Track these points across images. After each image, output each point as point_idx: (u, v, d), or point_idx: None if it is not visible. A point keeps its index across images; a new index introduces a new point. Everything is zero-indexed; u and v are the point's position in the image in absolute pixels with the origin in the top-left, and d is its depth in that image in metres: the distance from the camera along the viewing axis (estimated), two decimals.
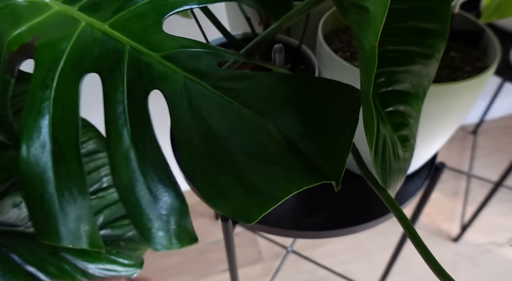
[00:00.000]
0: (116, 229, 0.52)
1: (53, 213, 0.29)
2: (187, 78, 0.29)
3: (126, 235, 0.53)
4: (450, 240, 1.07)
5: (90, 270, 0.46)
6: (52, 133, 0.29)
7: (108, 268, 0.48)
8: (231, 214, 0.24)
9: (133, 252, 0.53)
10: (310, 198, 0.54)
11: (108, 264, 0.48)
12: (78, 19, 0.33)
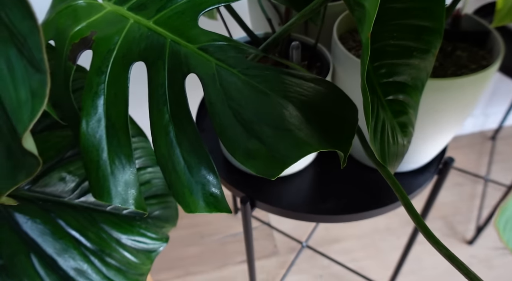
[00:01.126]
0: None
1: (106, 177, 0.34)
2: (219, 65, 0.35)
3: (153, 213, 0.59)
4: (465, 243, 1.09)
5: (122, 240, 0.52)
6: (106, 111, 0.35)
7: (138, 240, 0.53)
8: (258, 171, 0.29)
9: (159, 229, 0.59)
10: (323, 185, 0.58)
11: (138, 236, 0.54)
12: (127, 17, 0.39)
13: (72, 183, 0.50)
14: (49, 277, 0.42)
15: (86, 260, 0.45)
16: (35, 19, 0.19)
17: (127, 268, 0.50)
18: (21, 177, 0.24)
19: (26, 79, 0.20)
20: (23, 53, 0.20)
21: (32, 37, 0.19)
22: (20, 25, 0.19)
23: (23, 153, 0.23)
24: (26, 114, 0.21)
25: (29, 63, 0.20)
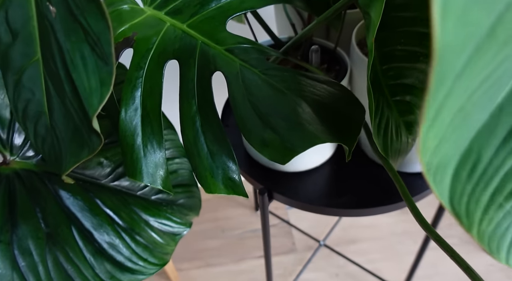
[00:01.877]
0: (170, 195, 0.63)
1: (139, 159, 0.39)
2: (242, 65, 0.39)
3: (178, 201, 0.64)
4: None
5: (150, 222, 0.57)
6: (142, 102, 0.40)
7: (164, 223, 0.58)
8: (271, 157, 0.34)
9: (184, 216, 0.64)
10: (339, 181, 0.61)
11: (164, 220, 0.59)
12: (164, 21, 0.44)
13: (108, 168, 0.56)
14: (86, 247, 0.47)
15: (118, 236, 0.51)
16: (108, 20, 0.24)
17: (154, 246, 0.55)
18: (84, 154, 0.29)
19: (97, 71, 0.25)
20: (94, 50, 0.25)
21: (104, 35, 0.24)
22: (96, 26, 0.24)
23: (90, 132, 0.28)
24: (96, 99, 0.26)
25: (99, 58, 0.25)
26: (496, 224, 0.19)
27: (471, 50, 0.12)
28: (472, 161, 0.17)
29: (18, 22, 0.31)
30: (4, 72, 0.34)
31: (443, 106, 0.13)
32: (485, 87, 0.15)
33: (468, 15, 0.10)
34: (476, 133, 0.17)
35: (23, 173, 0.46)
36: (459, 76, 0.13)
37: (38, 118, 0.35)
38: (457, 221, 0.19)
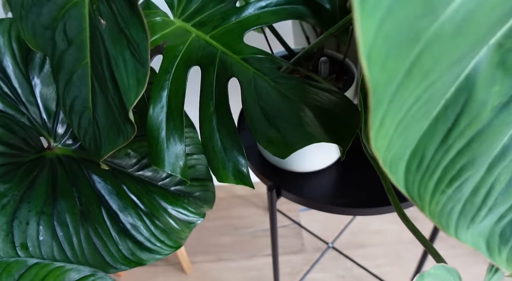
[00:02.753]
0: (188, 187, 0.69)
1: (162, 150, 0.46)
2: (255, 73, 0.45)
3: (194, 193, 0.70)
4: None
5: (168, 209, 0.63)
6: (168, 101, 0.47)
7: (180, 211, 0.65)
8: (274, 152, 0.39)
9: (198, 207, 0.70)
10: (343, 183, 0.66)
11: (181, 208, 0.65)
12: (190, 32, 0.50)
13: (134, 159, 0.63)
14: (112, 226, 0.54)
15: (140, 218, 0.57)
16: (147, 31, 0.30)
17: (170, 231, 0.61)
18: (120, 141, 0.36)
19: (135, 72, 0.32)
20: (134, 55, 0.31)
21: (143, 43, 0.31)
22: (137, 36, 0.31)
23: (126, 122, 0.34)
24: (133, 95, 0.32)
25: (138, 62, 0.31)
26: (442, 205, 0.24)
27: (396, 85, 0.17)
28: (418, 158, 0.23)
29: (73, 32, 0.38)
30: (57, 72, 0.41)
31: (384, 119, 0.19)
32: (418, 105, 0.20)
33: (386, 65, 0.16)
34: (420, 137, 0.22)
35: (64, 158, 0.53)
36: (391, 100, 0.18)
37: (82, 112, 0.42)
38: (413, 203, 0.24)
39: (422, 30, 0.16)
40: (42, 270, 0.41)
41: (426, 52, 0.17)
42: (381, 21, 0.15)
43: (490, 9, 0.17)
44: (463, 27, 0.16)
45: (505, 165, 0.22)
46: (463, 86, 0.20)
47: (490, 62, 0.20)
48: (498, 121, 0.21)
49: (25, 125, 0.49)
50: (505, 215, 0.24)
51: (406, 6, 0.15)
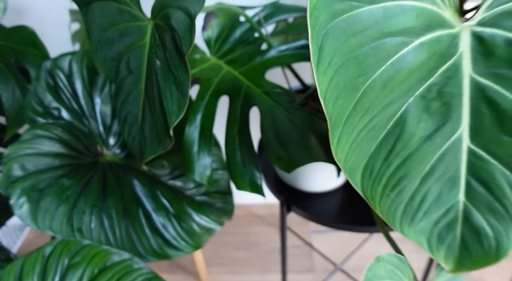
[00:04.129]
0: (211, 199, 0.80)
1: (194, 162, 0.57)
2: (273, 104, 0.56)
3: (216, 204, 0.80)
4: None
5: (193, 215, 0.74)
6: (201, 122, 0.58)
7: (203, 218, 0.75)
8: (281, 167, 0.49)
9: (218, 217, 0.80)
10: (349, 204, 0.75)
11: (204, 215, 0.75)
12: (223, 67, 0.62)
13: (167, 169, 0.74)
14: (147, 224, 0.65)
15: (169, 220, 0.68)
16: (189, 74, 0.41)
17: (193, 233, 0.71)
18: (159, 150, 0.47)
19: (177, 100, 0.43)
20: (178, 89, 0.43)
21: (186, 82, 0.42)
22: (182, 76, 0.42)
23: (166, 136, 0.45)
24: (174, 117, 0.43)
25: (180, 93, 0.43)
26: (388, 206, 0.33)
27: (346, 115, 0.27)
28: (369, 169, 0.32)
29: (134, 65, 0.50)
30: (117, 92, 0.54)
31: (340, 138, 0.29)
32: (366, 131, 0.30)
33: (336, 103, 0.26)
34: (370, 154, 0.32)
35: (112, 164, 0.65)
36: (344, 126, 0.28)
37: (133, 124, 0.53)
38: (368, 203, 0.34)
39: (359, 84, 0.26)
40: (92, 250, 0.52)
41: (364, 97, 0.27)
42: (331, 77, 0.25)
43: (408, 75, 0.27)
44: (388, 84, 0.27)
45: (434, 180, 0.31)
46: (398, 122, 0.30)
47: (417, 107, 0.29)
48: (424, 147, 0.30)
49: (87, 134, 0.62)
50: (439, 220, 0.33)
51: (347, 70, 0.25)
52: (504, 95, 0.29)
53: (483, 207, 0.31)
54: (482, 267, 0.33)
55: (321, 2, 0.25)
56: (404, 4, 0.27)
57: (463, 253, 0.33)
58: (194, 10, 0.38)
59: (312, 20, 0.25)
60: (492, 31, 0.28)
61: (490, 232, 0.32)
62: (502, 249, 0.31)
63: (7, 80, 0.59)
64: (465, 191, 0.32)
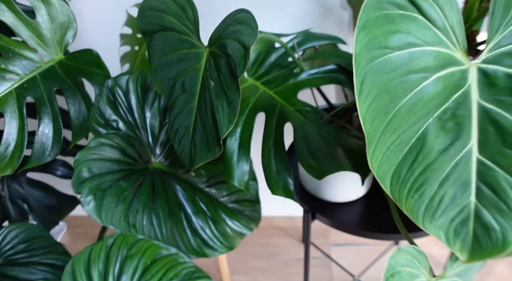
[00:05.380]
0: (241, 206, 0.87)
1: (234, 169, 0.64)
2: (304, 120, 0.63)
3: (245, 212, 0.87)
4: None
5: (226, 220, 0.81)
6: (240, 135, 0.66)
7: (235, 223, 0.82)
8: (313, 175, 0.56)
9: (247, 223, 0.87)
10: (369, 214, 0.81)
11: (235, 221, 0.82)
12: (259, 87, 0.71)
13: (205, 178, 0.82)
14: (187, 225, 0.72)
15: (206, 222, 0.75)
16: (240, 93, 0.49)
17: (227, 236, 0.78)
18: (209, 157, 0.55)
19: (228, 115, 0.51)
20: (229, 105, 0.51)
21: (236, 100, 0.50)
22: (233, 95, 0.50)
23: (216, 145, 0.53)
24: (225, 129, 0.52)
25: (231, 109, 0.51)
26: (412, 205, 0.39)
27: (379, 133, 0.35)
28: (397, 175, 0.39)
29: (189, 84, 0.59)
30: (171, 108, 0.62)
31: (375, 151, 0.36)
32: (395, 145, 0.37)
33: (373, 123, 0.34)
34: (397, 163, 0.39)
35: (159, 170, 0.73)
36: (378, 141, 0.36)
37: (184, 135, 0.62)
38: (396, 203, 0.41)
39: (390, 109, 0.34)
40: (145, 244, 0.60)
41: (393, 119, 0.34)
42: (369, 104, 0.33)
43: (428, 101, 0.34)
44: (412, 109, 0.34)
45: (449, 185, 0.38)
46: (420, 137, 0.37)
47: (435, 126, 0.37)
48: (441, 158, 0.37)
49: (139, 144, 0.71)
50: (455, 218, 0.40)
51: (381, 99, 0.33)
52: (505, 116, 0.36)
53: (490, 207, 0.38)
54: (491, 257, 0.39)
55: (363, 49, 0.33)
56: (425, 49, 0.35)
57: (475, 245, 0.39)
58: (248, 42, 0.47)
59: (356, 63, 0.33)
60: (494, 67, 0.36)
61: (497, 227, 0.38)
62: (508, 241, 0.38)
63: (75, 96, 0.69)
64: (475, 193, 0.38)
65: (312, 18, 1.02)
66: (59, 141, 0.67)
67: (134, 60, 0.88)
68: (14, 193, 0.79)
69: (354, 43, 0.33)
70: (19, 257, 0.68)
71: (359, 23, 0.34)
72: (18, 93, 0.66)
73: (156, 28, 0.57)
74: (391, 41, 0.35)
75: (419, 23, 0.36)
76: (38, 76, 0.68)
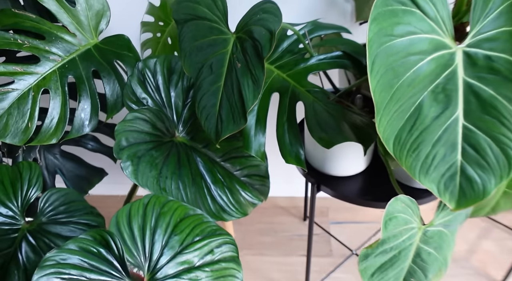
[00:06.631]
0: (251, 180, 0.95)
1: (251, 141, 0.73)
2: (314, 99, 0.72)
3: (255, 185, 0.95)
4: None
5: (240, 190, 0.90)
6: (257, 112, 0.74)
7: (247, 194, 0.91)
8: (323, 145, 0.66)
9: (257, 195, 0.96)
10: (370, 186, 0.90)
11: (248, 192, 0.91)
12: (273, 71, 0.79)
13: (220, 153, 0.91)
14: (207, 193, 0.81)
15: (223, 191, 0.84)
16: (264, 71, 0.58)
17: (241, 203, 0.87)
18: (235, 128, 0.64)
19: (253, 90, 0.60)
20: (254, 82, 0.60)
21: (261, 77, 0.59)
22: (258, 74, 0.59)
23: (241, 118, 0.62)
24: (250, 103, 0.60)
25: (255, 85, 0.60)
26: (411, 163, 0.48)
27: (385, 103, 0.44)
28: (398, 138, 0.48)
29: (216, 67, 0.67)
30: (198, 89, 0.71)
31: (381, 118, 0.46)
32: (397, 113, 0.46)
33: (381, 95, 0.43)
34: (399, 128, 0.48)
35: (182, 144, 0.82)
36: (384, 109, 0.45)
37: (210, 112, 0.70)
38: (397, 161, 0.50)
39: (394, 83, 0.43)
40: (175, 204, 0.69)
41: (397, 91, 0.43)
42: (378, 79, 0.42)
43: (423, 78, 0.43)
44: (411, 84, 0.43)
45: (440, 146, 0.47)
46: (417, 107, 0.46)
47: (429, 98, 0.46)
48: (434, 124, 0.46)
49: (167, 119, 0.79)
50: (445, 173, 0.49)
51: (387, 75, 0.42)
52: (485, 89, 0.45)
53: (473, 164, 0.48)
54: (474, 204, 0.48)
55: (374, 37, 0.42)
56: (421, 36, 0.44)
57: (461, 196, 0.49)
58: (274, 28, 0.55)
59: (369, 47, 0.42)
60: (475, 50, 0.45)
61: (478, 180, 0.47)
62: (487, 191, 0.47)
63: (110, 76, 0.77)
64: (461, 153, 0.48)
65: (318, 10, 1.10)
66: (96, 115, 0.76)
67: (156, 46, 0.96)
68: (50, 163, 0.87)
69: (367, 31, 0.42)
70: (60, 217, 0.77)
71: (372, 16, 0.43)
72: (60, 72, 0.74)
73: (189, 17, 0.66)
74: (396, 30, 0.44)
75: (417, 16, 0.45)
76: (77, 58, 0.76)
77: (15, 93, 0.70)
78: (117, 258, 0.61)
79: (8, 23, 0.72)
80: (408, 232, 0.54)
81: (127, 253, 0.62)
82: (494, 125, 0.44)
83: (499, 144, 0.44)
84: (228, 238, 0.70)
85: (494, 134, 0.44)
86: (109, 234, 0.61)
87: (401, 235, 0.54)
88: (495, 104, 0.44)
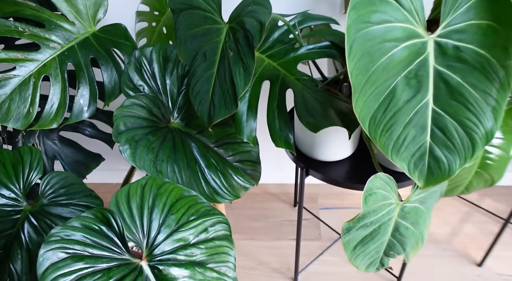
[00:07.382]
0: (243, 165, 1.00)
1: (243, 127, 0.77)
2: (303, 87, 0.77)
3: (247, 170, 1.00)
4: (474, 265, 1.33)
5: (232, 175, 0.94)
6: (249, 99, 0.79)
7: (239, 178, 0.95)
8: (311, 129, 0.70)
9: (249, 180, 1.00)
10: (355, 170, 0.95)
11: (240, 176, 0.95)
12: (264, 60, 0.83)
13: (214, 139, 0.95)
14: (201, 176, 0.86)
15: (217, 175, 0.88)
16: (255, 60, 0.62)
17: (233, 187, 0.92)
18: (227, 113, 0.68)
19: (244, 77, 0.64)
20: (245, 70, 0.64)
21: (251, 66, 0.63)
22: (249, 62, 0.63)
23: (232, 104, 0.66)
24: (241, 89, 0.64)
25: (246, 73, 0.64)
26: (384, 142, 0.53)
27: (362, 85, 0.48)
28: (373, 119, 0.53)
29: (210, 54, 0.71)
30: (192, 75, 0.74)
31: (358, 99, 0.50)
32: (373, 95, 0.51)
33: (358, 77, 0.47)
34: (374, 109, 0.52)
35: (177, 130, 0.86)
36: (360, 91, 0.49)
37: (203, 97, 0.74)
38: (372, 141, 0.54)
39: (370, 67, 0.47)
40: (171, 186, 0.73)
41: (372, 75, 0.48)
42: (355, 63, 0.46)
43: (397, 63, 0.47)
44: (386, 68, 0.47)
45: (411, 127, 0.52)
46: (391, 91, 0.51)
47: (402, 83, 0.50)
48: (406, 106, 0.51)
49: (162, 105, 0.83)
50: (415, 153, 0.54)
51: (364, 59, 0.46)
52: (453, 77, 0.50)
53: (441, 145, 0.52)
54: (440, 183, 0.53)
55: (353, 23, 0.46)
56: (396, 25, 0.48)
57: (429, 175, 0.54)
58: (264, 19, 0.59)
59: (347, 32, 0.46)
60: (445, 41, 0.49)
61: (445, 160, 0.52)
62: (452, 170, 0.52)
63: (108, 63, 0.80)
64: (430, 134, 0.53)
65: (308, 1, 1.14)
66: (94, 101, 0.79)
67: (152, 35, 0.99)
68: (49, 148, 0.91)
69: (347, 18, 0.46)
70: (61, 199, 0.80)
71: (351, 4, 0.47)
72: (60, 59, 0.77)
73: (184, 7, 0.69)
74: (373, 18, 0.48)
75: (393, 6, 0.49)
76: (76, 46, 0.79)
77: (16, 79, 0.73)
78: (117, 235, 0.65)
79: (9, 11, 0.75)
80: (387, 207, 0.59)
81: (126, 231, 0.66)
82: (461, 110, 0.49)
83: (464, 127, 0.49)
84: (221, 217, 0.75)
85: (460, 118, 0.49)
86: (110, 213, 0.65)
87: (380, 210, 0.59)
88: (462, 91, 0.49)
